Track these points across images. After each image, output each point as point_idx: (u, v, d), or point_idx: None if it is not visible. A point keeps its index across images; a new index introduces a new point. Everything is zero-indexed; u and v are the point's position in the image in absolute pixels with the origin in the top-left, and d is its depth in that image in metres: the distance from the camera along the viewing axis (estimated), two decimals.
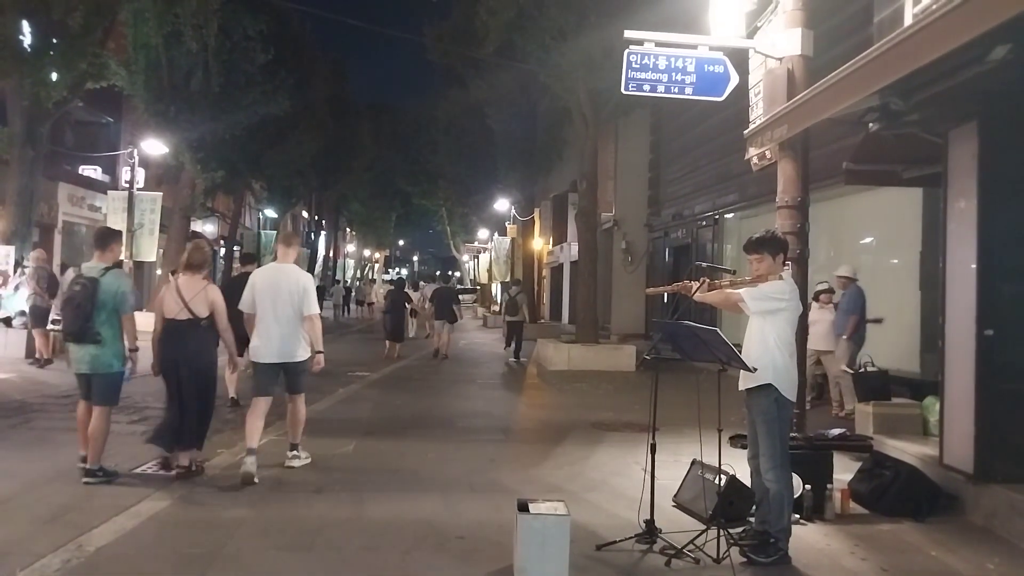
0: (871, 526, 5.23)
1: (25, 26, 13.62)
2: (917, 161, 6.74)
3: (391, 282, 24.81)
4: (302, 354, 6.21)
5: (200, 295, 6.03)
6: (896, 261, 10.75)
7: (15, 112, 14.07)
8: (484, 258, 43.87)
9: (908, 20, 5.84)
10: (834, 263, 12.37)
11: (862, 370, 7.97)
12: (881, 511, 5.44)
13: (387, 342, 16.57)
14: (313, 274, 9.28)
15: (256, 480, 5.81)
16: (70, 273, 6.17)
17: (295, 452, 6.51)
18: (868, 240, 11.62)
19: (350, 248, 63.42)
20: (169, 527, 4.78)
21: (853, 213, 11.55)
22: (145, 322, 6.46)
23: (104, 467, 5.85)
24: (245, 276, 7.32)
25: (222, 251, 31.76)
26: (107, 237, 6.18)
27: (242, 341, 6.44)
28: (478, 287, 49.18)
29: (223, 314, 6.10)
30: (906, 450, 6.19)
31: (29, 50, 13.51)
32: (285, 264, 6.36)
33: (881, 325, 9.73)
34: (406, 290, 18.21)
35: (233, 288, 6.79)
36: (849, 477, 5.82)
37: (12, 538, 4.51)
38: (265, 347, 6.09)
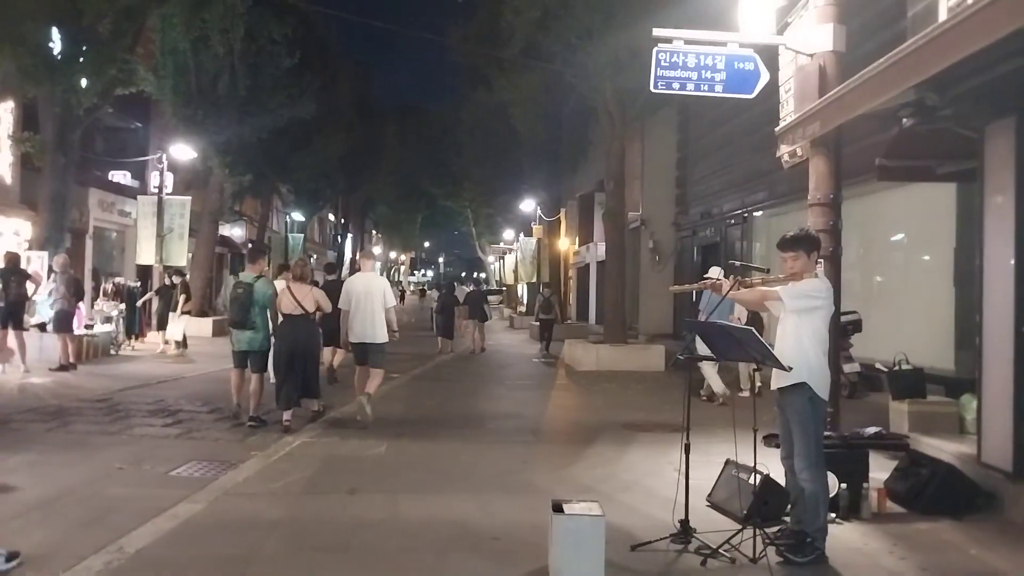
0: (909, 525, 5.17)
1: (55, 34, 13.83)
2: (952, 156, 6.64)
3: (439, 286, 26.77)
4: (381, 337, 8.52)
5: (308, 296, 8.17)
6: (929, 258, 10.60)
7: (47, 119, 14.31)
8: (510, 259, 43.81)
9: (943, 14, 5.75)
10: (866, 260, 12.25)
11: (896, 368, 7.86)
12: (919, 510, 5.37)
13: (439, 339, 18.60)
14: (339, 277, 11.01)
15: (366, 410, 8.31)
16: (231, 279, 8.74)
17: (364, 407, 8.36)
18: (901, 237, 11.47)
19: (376, 250, 63.83)
20: (207, 529, 4.84)
21: (886, 210, 11.40)
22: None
23: (260, 416, 8.13)
24: (331, 282, 10.14)
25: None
26: (255, 253, 8.93)
27: (330, 334, 9.65)
28: (504, 288, 49.20)
29: (326, 306, 8.33)
30: (943, 448, 6.10)
31: (60, 57, 13.71)
32: (368, 273, 8.91)
33: (913, 322, 9.59)
34: (454, 294, 20.26)
35: (330, 290, 9.16)
36: (885, 476, 5.75)
37: (54, 540, 4.59)
38: (357, 331, 8.45)
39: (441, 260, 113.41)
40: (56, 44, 13.82)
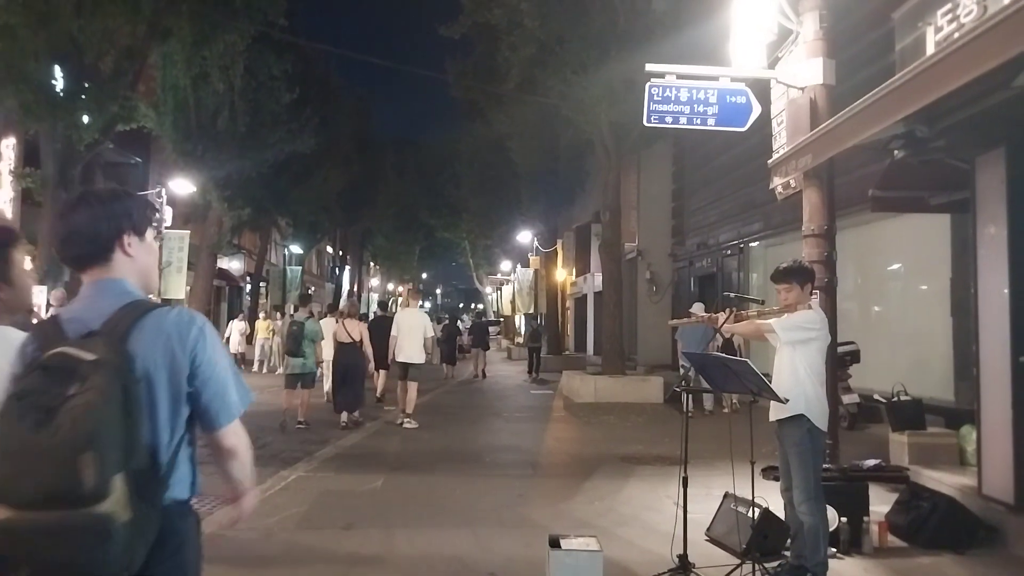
0: (911, 559, 5.12)
1: (58, 71, 13.97)
2: (944, 187, 6.69)
3: (439, 318, 28.52)
4: (418, 359, 10.93)
5: (356, 329, 11.03)
6: (926, 287, 10.63)
7: (48, 155, 14.38)
8: (507, 290, 43.88)
9: (931, 48, 5.83)
10: (863, 291, 12.27)
11: (895, 399, 7.84)
12: (920, 544, 5.32)
13: (444, 365, 20.41)
14: (387, 313, 14.35)
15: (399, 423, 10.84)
16: (288, 318, 11.78)
17: (408, 418, 10.83)
18: (898, 267, 11.51)
19: (374, 282, 63.82)
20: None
21: (881, 240, 11.46)
22: None
23: (307, 421, 10.60)
24: (383, 317, 13.44)
25: (248, 287, 32.11)
26: (304, 299, 12.23)
27: (379, 360, 11.65)
28: (501, 319, 49.16)
29: (367, 338, 11.15)
30: (943, 480, 6.06)
31: (62, 94, 13.83)
32: (412, 308, 11.74)
33: (911, 353, 9.60)
34: (456, 324, 22.97)
35: (379, 324, 12.64)
36: (886, 509, 5.70)
37: None
38: (402, 353, 10.85)
39: (439, 291, 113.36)
40: (58, 81, 13.94)
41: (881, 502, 5.77)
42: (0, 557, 1.68)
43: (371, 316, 17.32)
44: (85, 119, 14.21)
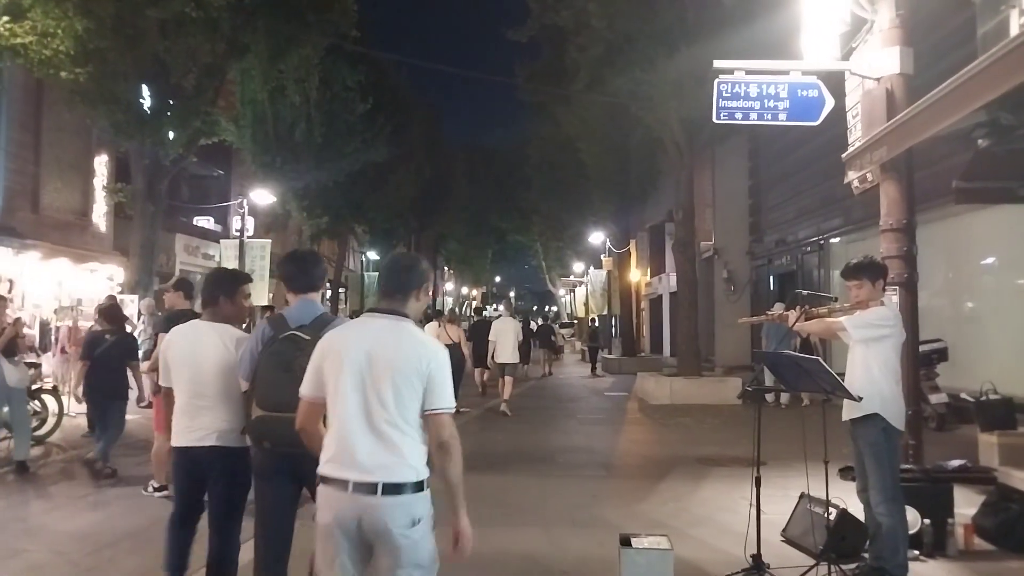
0: (998, 563, 4.92)
1: (145, 91, 14.68)
2: None
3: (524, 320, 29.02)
4: (514, 359, 13.25)
5: (455, 332, 12.78)
6: (1020, 281, 10.14)
7: (137, 170, 15.13)
8: (580, 292, 43.76)
9: (1015, 30, 5.60)
10: (953, 285, 11.79)
11: (983, 398, 7.52)
12: (1010, 547, 5.09)
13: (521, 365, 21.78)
14: (484, 318, 16.94)
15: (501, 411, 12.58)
16: None
17: (504, 407, 12.65)
18: (986, 261, 11.02)
19: (448, 286, 64.61)
20: None
21: (969, 233, 10.99)
22: None
23: None
24: (482, 321, 16.16)
25: (328, 293, 32.99)
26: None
27: (479, 359, 14.49)
28: (575, 321, 49.06)
29: (463, 339, 13.13)
30: None
31: (149, 113, 14.53)
32: (506, 317, 13.99)
33: (1004, 349, 9.19)
34: (529, 327, 24.27)
35: (479, 327, 15.19)
36: (973, 511, 5.49)
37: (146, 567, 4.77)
38: (500, 355, 13.06)
39: (512, 294, 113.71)
40: (145, 100, 14.65)
41: (968, 504, 5.56)
42: (257, 435, 3.38)
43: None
44: (171, 135, 14.89)
